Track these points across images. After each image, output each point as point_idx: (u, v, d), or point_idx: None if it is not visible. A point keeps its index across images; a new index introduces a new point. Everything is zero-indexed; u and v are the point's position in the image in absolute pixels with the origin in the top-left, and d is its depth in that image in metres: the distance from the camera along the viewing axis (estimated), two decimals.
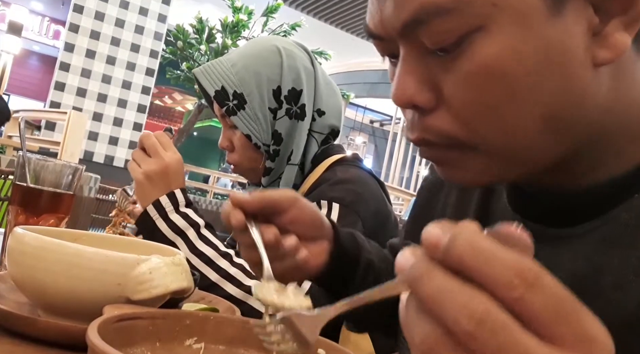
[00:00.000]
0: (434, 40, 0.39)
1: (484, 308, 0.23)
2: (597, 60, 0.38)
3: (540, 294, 0.23)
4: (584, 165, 0.43)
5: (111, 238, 0.64)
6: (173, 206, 0.86)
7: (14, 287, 0.55)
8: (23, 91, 10.10)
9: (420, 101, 0.42)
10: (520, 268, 0.23)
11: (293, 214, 0.57)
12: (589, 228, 0.42)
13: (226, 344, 0.45)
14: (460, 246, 0.24)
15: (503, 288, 0.23)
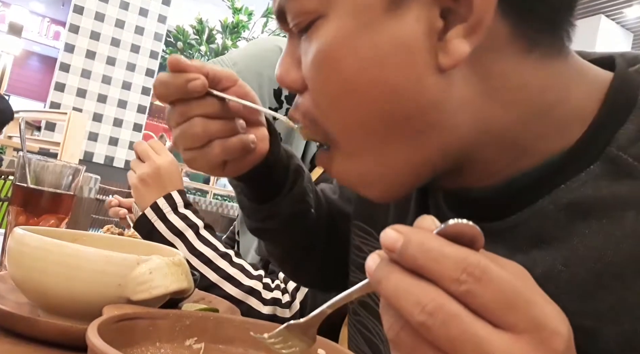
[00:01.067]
0: (293, 22, 0.42)
1: (435, 301, 0.26)
2: (440, 65, 0.37)
3: (487, 286, 0.26)
4: (489, 166, 0.42)
5: (111, 239, 0.64)
6: (171, 208, 0.86)
7: (14, 287, 0.55)
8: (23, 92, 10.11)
9: (288, 81, 0.44)
10: (466, 264, 0.26)
11: (236, 91, 0.56)
12: (517, 221, 0.41)
13: (226, 344, 0.45)
14: (412, 248, 0.27)
15: (452, 283, 0.26)
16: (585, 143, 0.40)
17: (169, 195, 0.87)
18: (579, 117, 0.41)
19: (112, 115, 6.47)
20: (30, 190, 0.76)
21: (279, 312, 0.84)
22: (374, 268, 0.28)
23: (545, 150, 0.41)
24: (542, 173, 0.41)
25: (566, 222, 0.39)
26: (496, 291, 0.25)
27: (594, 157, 0.39)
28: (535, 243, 0.40)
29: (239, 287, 0.82)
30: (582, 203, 0.38)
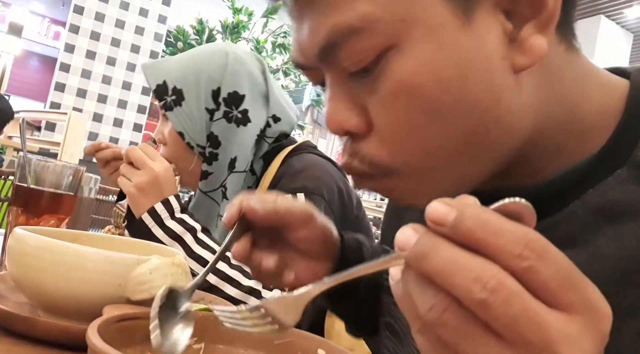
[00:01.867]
0: (352, 61, 0.39)
1: (497, 277, 0.24)
2: (516, 67, 0.38)
3: (549, 264, 0.24)
4: (529, 167, 0.43)
5: (111, 239, 0.64)
6: (168, 213, 0.86)
7: (14, 287, 0.55)
8: (23, 92, 10.10)
9: (350, 127, 0.41)
10: (528, 239, 0.24)
11: (303, 233, 0.54)
12: (547, 225, 0.41)
13: (226, 344, 0.45)
14: (469, 220, 0.25)
15: (513, 258, 0.24)
16: (612, 147, 0.40)
17: (167, 200, 0.87)
18: (600, 117, 0.41)
19: (112, 115, 6.47)
20: (31, 190, 0.76)
21: None
22: (413, 240, 0.26)
23: (576, 150, 0.42)
24: (571, 176, 0.42)
25: (595, 226, 0.39)
26: (556, 269, 0.24)
27: (621, 162, 0.40)
28: (566, 247, 0.41)
29: (238, 288, 0.82)
30: (610, 207, 0.39)
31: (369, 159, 0.41)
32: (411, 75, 0.37)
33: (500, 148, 0.40)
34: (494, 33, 0.37)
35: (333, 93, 0.42)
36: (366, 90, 0.40)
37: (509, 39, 0.37)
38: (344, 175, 1.03)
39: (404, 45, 0.37)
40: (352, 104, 0.41)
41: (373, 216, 5.20)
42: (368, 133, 0.41)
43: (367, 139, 0.41)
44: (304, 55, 0.42)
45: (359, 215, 1.03)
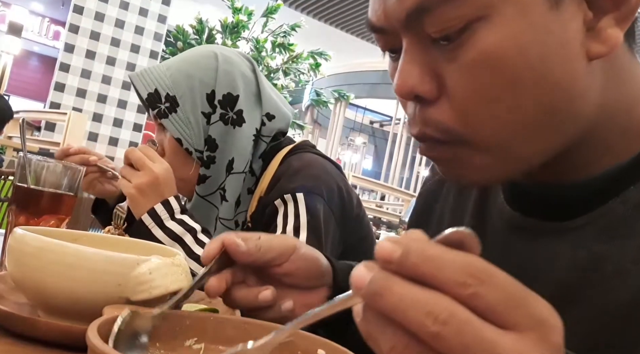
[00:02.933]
0: (438, 28, 0.39)
1: (448, 309, 0.25)
2: (591, 54, 0.39)
3: (492, 287, 0.25)
4: (578, 160, 0.44)
5: (111, 239, 0.64)
6: (168, 214, 0.86)
7: (14, 288, 0.55)
8: (23, 92, 10.10)
9: (422, 91, 0.42)
10: (470, 267, 0.26)
11: (286, 267, 0.54)
12: (587, 220, 0.43)
13: (226, 344, 0.45)
14: (413, 256, 0.26)
15: (457, 287, 0.25)
16: None
17: (167, 201, 0.87)
18: None
19: (112, 115, 6.47)
20: (31, 191, 0.76)
21: None
22: (367, 279, 0.26)
23: (624, 150, 0.43)
24: (613, 174, 0.43)
25: (634, 221, 0.41)
26: (500, 291, 0.25)
27: None
28: (603, 241, 0.42)
29: None
30: None
31: (444, 126, 0.42)
32: (497, 48, 0.38)
33: (565, 132, 0.42)
34: (576, 20, 0.39)
35: (409, 57, 0.42)
36: (445, 58, 0.40)
37: (587, 27, 0.39)
38: (343, 175, 1.03)
39: (494, 18, 0.38)
40: (426, 69, 0.42)
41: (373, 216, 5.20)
42: (437, 100, 0.42)
43: (437, 106, 0.42)
44: (387, 18, 0.42)
45: (360, 213, 1.02)
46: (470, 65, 0.39)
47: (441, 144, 0.43)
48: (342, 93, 9.20)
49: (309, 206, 0.89)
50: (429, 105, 0.42)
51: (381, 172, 12.24)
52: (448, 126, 0.42)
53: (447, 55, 0.40)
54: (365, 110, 14.06)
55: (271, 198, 0.93)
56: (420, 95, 0.42)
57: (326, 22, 10.48)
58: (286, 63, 6.51)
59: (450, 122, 0.41)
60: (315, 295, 0.59)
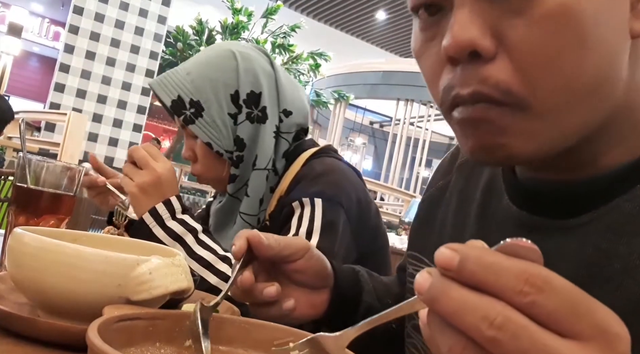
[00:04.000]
0: None
1: (504, 314, 0.25)
2: (633, 32, 0.40)
3: (551, 295, 0.25)
4: (591, 153, 0.44)
5: (111, 239, 0.64)
6: (170, 214, 0.86)
7: (14, 288, 0.55)
8: (23, 92, 10.11)
9: (483, 46, 0.39)
10: (527, 275, 0.25)
11: (300, 264, 0.58)
12: (593, 217, 0.43)
13: (226, 344, 0.45)
14: (471, 263, 0.26)
15: (515, 295, 0.25)
16: None
17: (168, 201, 0.86)
18: None
19: (111, 115, 6.47)
20: (30, 191, 0.76)
21: None
22: (427, 285, 0.27)
23: (633, 146, 0.43)
24: (621, 173, 0.43)
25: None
26: (560, 299, 0.25)
27: None
28: (611, 238, 0.42)
29: None
30: None
31: (504, 85, 0.39)
32: (575, 1, 0.38)
33: (606, 107, 0.41)
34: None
35: (467, 10, 0.40)
36: (511, 12, 0.39)
37: (631, 5, 0.40)
38: (363, 182, 1.03)
39: None
40: (486, 24, 0.39)
41: None
42: (494, 58, 0.40)
43: (496, 63, 0.40)
44: None
45: (377, 223, 1.02)
46: (543, 18, 0.38)
47: (496, 106, 0.40)
48: (342, 94, 9.21)
49: (325, 213, 0.89)
50: (486, 62, 0.40)
51: (381, 173, 12.26)
52: (508, 85, 0.39)
53: (514, 10, 0.38)
54: (365, 111, 14.07)
55: (290, 199, 0.93)
56: (479, 51, 0.39)
57: (326, 22, 10.48)
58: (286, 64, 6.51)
59: (511, 81, 0.39)
60: (317, 295, 0.61)
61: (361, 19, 10.27)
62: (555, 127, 0.41)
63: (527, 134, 0.41)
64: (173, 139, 7.38)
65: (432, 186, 0.67)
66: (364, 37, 11.21)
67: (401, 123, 11.25)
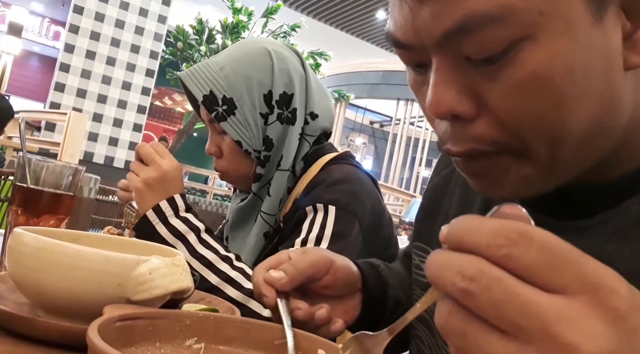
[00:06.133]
0: (479, 49, 0.38)
1: (476, 267, 0.25)
2: (629, 65, 0.39)
3: (528, 248, 0.25)
4: (602, 168, 0.44)
5: (111, 239, 0.64)
6: (173, 211, 0.86)
7: (14, 288, 0.55)
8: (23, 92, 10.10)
9: (461, 111, 0.40)
10: (504, 230, 0.26)
11: (327, 280, 0.58)
12: (600, 220, 0.43)
13: (226, 344, 0.45)
14: (453, 228, 0.28)
15: (488, 249, 0.26)
16: None
17: (172, 198, 0.86)
18: None
19: (112, 115, 6.47)
20: (30, 191, 0.76)
21: None
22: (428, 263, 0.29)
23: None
24: (631, 176, 0.43)
25: None
26: (539, 252, 0.25)
27: None
28: (616, 241, 0.41)
29: (240, 290, 0.82)
30: None
31: (492, 139, 0.41)
32: (544, 67, 0.38)
33: (603, 145, 0.41)
34: (617, 31, 0.38)
35: (442, 77, 0.41)
36: (485, 78, 0.39)
37: (624, 37, 0.39)
38: (379, 190, 1.03)
39: (539, 37, 0.37)
40: (462, 89, 0.40)
41: None
42: (476, 118, 0.41)
43: (478, 122, 0.41)
44: (417, 35, 0.41)
45: (389, 233, 1.02)
46: (517, 85, 0.38)
47: (490, 156, 0.42)
48: (342, 94, 9.21)
49: (338, 221, 0.89)
50: (469, 122, 0.41)
51: (381, 172, 12.25)
52: (500, 139, 0.41)
53: (488, 75, 0.39)
54: (365, 111, 14.07)
55: (304, 203, 0.93)
56: (459, 115, 0.41)
57: (326, 22, 10.48)
58: None
59: (501, 136, 0.41)
60: (350, 301, 0.62)
61: (361, 18, 10.27)
62: (552, 170, 0.42)
63: (520, 179, 0.42)
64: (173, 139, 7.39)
65: (436, 175, 0.67)
66: (364, 37, 11.21)
67: (401, 123, 11.25)
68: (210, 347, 0.44)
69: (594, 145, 0.41)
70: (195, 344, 0.44)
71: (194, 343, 0.44)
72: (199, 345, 0.44)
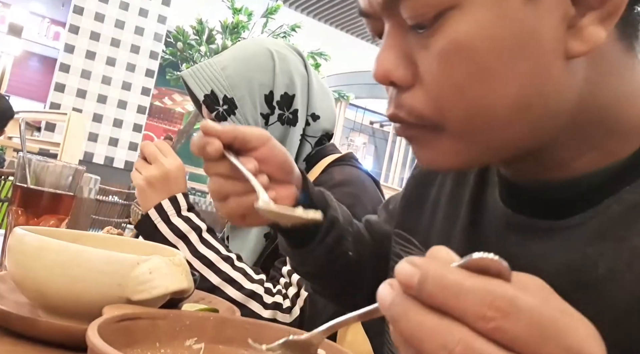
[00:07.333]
0: (412, 14, 0.39)
1: (463, 342, 0.24)
2: (570, 52, 0.38)
3: (517, 320, 0.24)
4: (560, 156, 0.43)
5: (111, 239, 0.64)
6: (175, 210, 0.86)
7: (14, 287, 0.55)
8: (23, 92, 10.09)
9: (396, 77, 0.42)
10: (491, 297, 0.24)
11: (263, 152, 0.57)
12: (580, 220, 0.42)
13: (226, 344, 0.45)
14: (430, 284, 0.25)
15: (478, 320, 0.24)
16: None
17: (174, 197, 0.87)
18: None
19: (112, 115, 6.47)
20: (30, 191, 0.76)
21: (280, 317, 0.84)
22: (388, 302, 0.26)
23: (616, 149, 0.42)
24: (608, 174, 0.42)
25: (630, 222, 0.40)
26: (527, 323, 0.24)
27: None
28: (596, 242, 0.41)
29: (240, 290, 0.82)
30: None
31: (417, 112, 0.42)
32: (468, 37, 0.38)
33: (541, 129, 0.41)
34: (555, 14, 0.38)
35: (387, 43, 0.43)
36: (420, 45, 0.40)
37: (568, 24, 0.38)
38: (381, 191, 1.03)
39: (467, 7, 0.38)
40: (403, 56, 0.42)
41: None
42: (412, 87, 0.42)
43: (411, 92, 0.42)
44: (369, 3, 0.43)
45: None
46: (442, 54, 0.39)
47: (415, 127, 0.43)
48: (342, 94, 9.20)
49: None
50: (404, 90, 0.42)
51: (381, 172, 12.25)
52: (421, 112, 0.42)
53: (422, 42, 0.40)
54: (365, 111, 14.06)
55: None
56: (394, 81, 0.42)
57: (326, 22, 10.48)
58: None
59: (423, 109, 0.41)
60: (285, 189, 0.60)
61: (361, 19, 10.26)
62: (476, 147, 0.42)
63: (447, 152, 0.43)
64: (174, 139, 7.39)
65: None
66: (364, 37, 11.21)
67: None
68: (210, 347, 0.44)
69: (527, 127, 0.41)
70: (195, 344, 0.44)
71: (194, 343, 0.44)
72: (199, 345, 0.44)
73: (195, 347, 0.44)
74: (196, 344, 0.44)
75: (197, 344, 0.44)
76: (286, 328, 0.46)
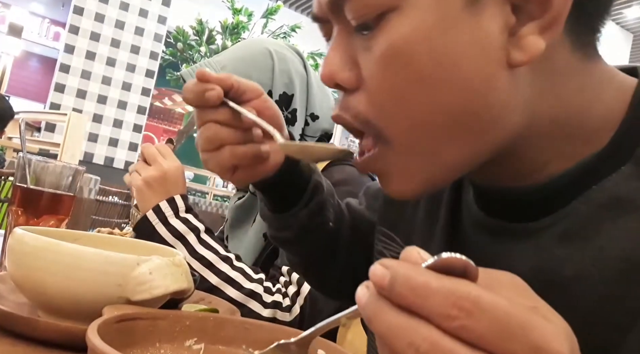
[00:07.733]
0: (355, 15, 0.39)
1: (429, 340, 0.24)
2: (511, 61, 0.38)
3: (481, 318, 0.24)
4: (523, 164, 0.43)
5: (111, 239, 0.64)
6: (173, 212, 0.86)
7: (14, 288, 0.55)
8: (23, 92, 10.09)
9: (340, 79, 0.42)
10: (455, 297, 0.25)
11: (257, 104, 0.57)
12: (550, 221, 0.42)
13: (226, 345, 0.45)
14: (399, 285, 0.26)
15: (443, 319, 0.25)
16: (616, 145, 0.40)
17: (172, 198, 0.87)
18: (608, 120, 0.41)
19: (112, 116, 6.47)
20: (30, 191, 0.76)
21: (280, 316, 0.84)
22: (363, 302, 0.27)
23: (576, 152, 0.41)
24: (574, 175, 0.41)
25: (597, 222, 0.39)
26: (491, 321, 0.24)
27: (625, 159, 0.40)
28: (564, 244, 0.41)
29: (240, 290, 0.82)
30: (614, 204, 0.39)
31: (361, 116, 0.41)
32: (405, 41, 0.37)
33: (491, 138, 0.40)
34: (497, 22, 0.37)
35: (333, 44, 0.43)
36: (363, 47, 0.40)
37: (509, 32, 0.38)
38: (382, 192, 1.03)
39: (406, 10, 0.37)
40: (348, 58, 0.42)
41: None
42: (357, 90, 0.41)
43: (356, 95, 0.42)
44: (319, 6, 0.43)
45: None
46: (382, 56, 0.38)
47: (360, 135, 0.43)
48: None
49: None
50: (350, 93, 0.42)
51: None
52: (365, 117, 0.41)
53: (365, 44, 0.40)
54: None
55: None
56: (339, 83, 0.42)
57: None
58: None
59: (368, 113, 0.41)
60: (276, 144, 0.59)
61: None
62: (427, 162, 0.41)
63: (404, 171, 0.42)
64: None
65: None
66: None
67: None
68: (210, 347, 0.44)
69: (476, 138, 0.40)
70: (195, 344, 0.44)
71: (194, 344, 0.44)
72: (199, 346, 0.44)
73: (195, 347, 0.44)
74: (196, 344, 0.44)
75: (197, 345, 0.44)
76: (286, 328, 0.46)
